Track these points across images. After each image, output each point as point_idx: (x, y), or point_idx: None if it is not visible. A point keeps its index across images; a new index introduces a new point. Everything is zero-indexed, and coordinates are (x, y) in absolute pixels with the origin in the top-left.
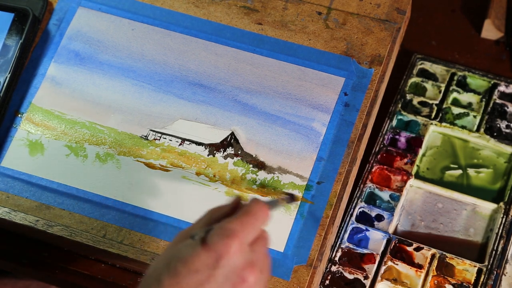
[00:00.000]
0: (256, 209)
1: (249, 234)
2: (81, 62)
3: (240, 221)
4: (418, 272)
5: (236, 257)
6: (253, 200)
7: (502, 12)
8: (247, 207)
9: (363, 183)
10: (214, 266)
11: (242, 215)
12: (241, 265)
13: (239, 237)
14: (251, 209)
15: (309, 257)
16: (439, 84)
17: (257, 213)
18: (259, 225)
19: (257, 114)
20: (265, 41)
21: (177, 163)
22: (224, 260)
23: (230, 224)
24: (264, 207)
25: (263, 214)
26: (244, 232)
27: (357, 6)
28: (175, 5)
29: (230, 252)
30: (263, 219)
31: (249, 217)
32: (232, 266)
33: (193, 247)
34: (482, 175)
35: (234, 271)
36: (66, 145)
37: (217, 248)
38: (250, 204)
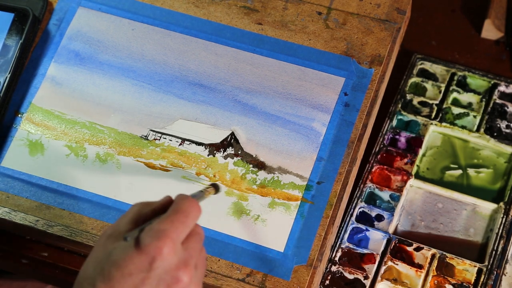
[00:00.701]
0: (186, 207)
1: (181, 234)
2: (81, 62)
3: (171, 221)
4: (418, 272)
5: (169, 258)
6: (181, 198)
7: (502, 12)
8: (176, 205)
9: (363, 183)
10: (147, 269)
11: (172, 214)
12: (174, 265)
13: (172, 238)
14: (181, 207)
15: (309, 257)
16: (439, 84)
17: (188, 211)
18: (191, 223)
19: (257, 114)
20: (265, 41)
21: (177, 163)
22: (157, 262)
23: (162, 225)
24: (193, 203)
25: (193, 211)
26: (176, 232)
27: (357, 6)
28: (175, 5)
29: (163, 254)
30: (195, 215)
31: (180, 215)
32: (165, 267)
33: (125, 250)
34: (482, 175)
35: (168, 272)
36: (66, 145)
37: (150, 250)
38: (179, 202)
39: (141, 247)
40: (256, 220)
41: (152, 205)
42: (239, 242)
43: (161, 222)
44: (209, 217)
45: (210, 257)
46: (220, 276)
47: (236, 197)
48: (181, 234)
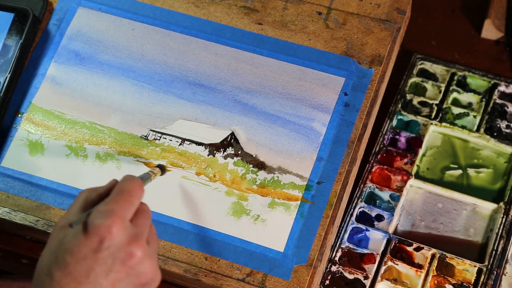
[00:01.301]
0: (129, 186)
1: (128, 212)
2: (81, 62)
3: (116, 200)
4: (418, 272)
5: (119, 236)
6: (124, 178)
7: (502, 12)
8: (120, 185)
9: (363, 183)
10: (99, 249)
11: (117, 194)
12: (125, 242)
13: (118, 216)
14: (125, 187)
15: (309, 257)
16: (439, 84)
17: (131, 190)
18: (136, 201)
19: (257, 114)
20: (265, 41)
21: (177, 163)
22: (107, 241)
23: (107, 205)
24: (137, 182)
25: (137, 190)
26: (122, 210)
27: (357, 6)
28: (175, 5)
29: (112, 232)
30: (138, 194)
31: (124, 195)
32: (117, 245)
33: (75, 235)
34: (482, 175)
35: (120, 249)
36: (66, 145)
37: (99, 231)
38: (123, 182)
39: (89, 230)
40: (256, 220)
41: (98, 190)
42: (239, 242)
43: (107, 203)
44: (209, 217)
45: (210, 257)
46: (220, 276)
47: (236, 197)
48: (127, 213)
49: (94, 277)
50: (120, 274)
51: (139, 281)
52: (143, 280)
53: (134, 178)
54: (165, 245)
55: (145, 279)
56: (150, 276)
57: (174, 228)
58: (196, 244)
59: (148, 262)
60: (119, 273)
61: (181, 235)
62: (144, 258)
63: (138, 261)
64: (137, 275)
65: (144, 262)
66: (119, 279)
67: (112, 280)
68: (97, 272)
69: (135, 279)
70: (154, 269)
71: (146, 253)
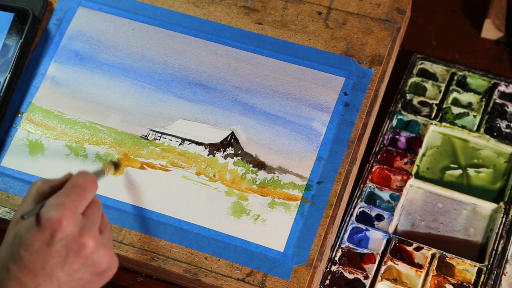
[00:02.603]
0: (83, 181)
1: (79, 205)
2: (81, 62)
3: (68, 194)
4: (418, 272)
5: (70, 228)
6: (77, 173)
7: (502, 12)
8: (74, 180)
9: (363, 183)
10: (51, 242)
11: (70, 188)
12: (77, 233)
13: (69, 209)
14: (78, 181)
15: (309, 257)
16: (439, 84)
17: (84, 184)
18: (88, 195)
19: (257, 114)
20: (265, 41)
21: (177, 163)
22: (59, 234)
23: (59, 198)
24: (89, 177)
25: (89, 184)
26: (73, 204)
27: (357, 6)
28: (175, 5)
29: (63, 225)
30: (91, 189)
31: (77, 189)
32: (69, 237)
33: (28, 229)
34: (482, 175)
35: (73, 241)
36: (66, 145)
37: (50, 224)
38: (77, 176)
39: (41, 223)
40: (256, 220)
41: (51, 182)
42: (239, 242)
43: (59, 196)
44: (209, 217)
45: (210, 257)
46: (220, 276)
47: (236, 197)
48: (79, 206)
49: (49, 269)
50: (75, 265)
51: (95, 270)
52: (100, 269)
53: (88, 173)
54: (165, 245)
55: (101, 267)
56: (106, 264)
57: (174, 228)
58: (196, 244)
59: (103, 251)
60: (74, 264)
61: (181, 235)
62: (97, 248)
63: (91, 251)
64: (93, 264)
65: (98, 251)
66: (75, 270)
67: (68, 271)
68: (52, 264)
69: (91, 268)
70: (109, 257)
71: (99, 243)
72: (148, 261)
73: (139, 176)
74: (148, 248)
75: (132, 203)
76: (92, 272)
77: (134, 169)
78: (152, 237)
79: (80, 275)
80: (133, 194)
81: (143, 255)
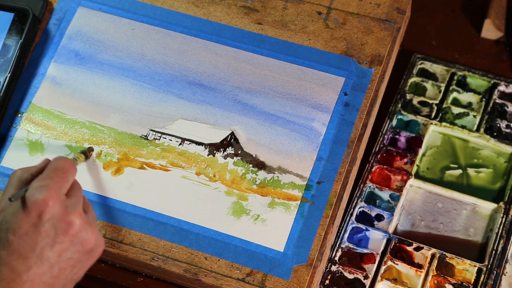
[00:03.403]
0: (62, 163)
1: (62, 186)
2: (81, 62)
3: (51, 176)
4: (418, 272)
5: (56, 208)
6: (56, 158)
7: (502, 12)
8: (53, 164)
9: (363, 183)
10: (39, 223)
11: (51, 171)
12: (63, 212)
13: (54, 190)
14: (58, 164)
15: (309, 257)
16: (439, 84)
17: (65, 166)
18: (70, 177)
19: (257, 114)
20: (265, 41)
21: (177, 163)
22: (46, 215)
23: (43, 181)
24: (69, 161)
25: (69, 166)
26: (57, 185)
27: (357, 6)
28: (175, 5)
29: (49, 206)
30: (72, 171)
31: (58, 171)
32: (56, 217)
33: (15, 213)
34: (482, 175)
35: (60, 221)
36: (66, 145)
37: (36, 206)
38: (57, 160)
39: (27, 205)
40: (256, 220)
41: (30, 169)
42: (239, 242)
43: (42, 179)
44: (209, 217)
45: (210, 257)
46: (220, 276)
47: (236, 197)
48: (62, 187)
49: (39, 250)
50: (64, 244)
51: (83, 248)
52: (88, 247)
53: (66, 157)
54: (165, 245)
55: (89, 245)
56: (94, 241)
57: (174, 228)
58: (196, 244)
59: (90, 228)
60: (63, 243)
61: (181, 235)
62: (84, 225)
63: (78, 228)
64: (81, 242)
65: (86, 229)
66: (64, 249)
67: (58, 251)
68: (41, 245)
69: (80, 246)
70: (96, 235)
71: (85, 221)
72: (148, 261)
73: (139, 176)
74: (148, 248)
75: (132, 203)
76: (81, 251)
77: (134, 169)
78: (152, 237)
79: (69, 254)
80: (133, 194)
81: (143, 255)
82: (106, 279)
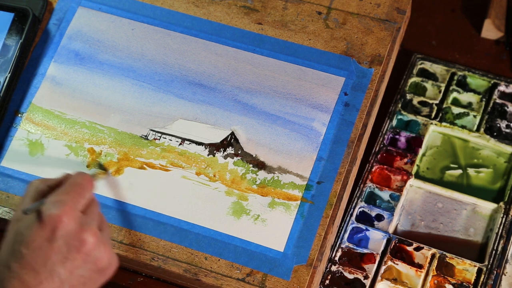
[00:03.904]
0: (80, 179)
1: (78, 203)
2: (81, 62)
3: (68, 192)
4: (418, 272)
5: (70, 224)
6: (76, 173)
7: (502, 12)
8: (72, 179)
9: (363, 183)
10: (53, 238)
11: (69, 186)
12: (78, 229)
13: (70, 206)
14: (76, 180)
15: (309, 257)
16: (439, 84)
17: (82, 183)
18: (86, 194)
19: (257, 114)
20: (265, 41)
21: (177, 163)
22: (60, 231)
23: (59, 196)
24: (87, 176)
25: (88, 184)
26: (73, 201)
27: (357, 6)
28: (175, 5)
29: (64, 222)
30: (89, 188)
31: (76, 187)
32: (70, 233)
33: (29, 226)
34: (482, 175)
35: (73, 238)
36: (66, 145)
37: (51, 221)
38: (76, 176)
39: (43, 219)
40: (256, 220)
41: (48, 182)
42: (239, 242)
43: (59, 194)
44: (209, 217)
45: (210, 257)
46: (220, 276)
47: (236, 197)
48: (78, 204)
49: (51, 265)
50: (76, 262)
51: (96, 267)
52: (100, 265)
53: (85, 173)
54: (165, 245)
55: (102, 263)
56: (107, 260)
57: (174, 228)
58: (196, 244)
59: (103, 247)
60: (75, 261)
61: (181, 235)
62: (98, 244)
63: (92, 247)
64: (94, 261)
65: (99, 247)
66: (76, 266)
67: (70, 268)
68: (53, 261)
69: (93, 265)
70: (109, 254)
71: (99, 239)
72: (148, 261)
73: (139, 176)
74: (148, 248)
75: (132, 203)
76: (93, 269)
77: (134, 169)
78: (152, 237)
79: (81, 272)
80: (133, 194)
81: (143, 255)
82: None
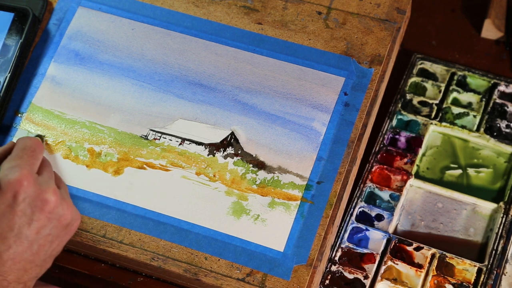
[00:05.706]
0: (29, 143)
1: (33, 165)
2: (81, 62)
3: (20, 156)
4: (418, 272)
5: (30, 187)
6: (22, 137)
7: (502, 12)
8: (21, 143)
9: (363, 183)
10: (15, 203)
11: (20, 152)
12: (38, 190)
13: (27, 169)
14: (26, 144)
15: (309, 257)
16: (439, 84)
17: (33, 145)
18: (39, 155)
19: (257, 114)
20: (265, 41)
21: (177, 163)
22: (21, 194)
23: (13, 161)
24: (34, 139)
25: (37, 145)
26: (29, 164)
27: (357, 6)
28: (175, 5)
29: (24, 185)
30: (39, 149)
31: (28, 150)
32: (31, 196)
33: None
34: (482, 175)
35: (36, 199)
36: (66, 144)
37: (11, 186)
38: (23, 140)
39: (1, 187)
40: (256, 220)
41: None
42: (239, 242)
43: (12, 160)
44: (209, 217)
45: (210, 257)
46: (220, 275)
47: (236, 197)
48: (33, 166)
49: (17, 229)
50: (41, 221)
51: (61, 224)
52: (65, 222)
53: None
54: (165, 245)
55: (66, 220)
56: (70, 216)
57: (174, 228)
58: (196, 244)
59: (65, 203)
60: (40, 221)
61: (181, 235)
62: (59, 201)
63: (54, 205)
64: (58, 218)
65: (62, 204)
66: (42, 226)
67: (36, 228)
68: (19, 224)
69: (57, 222)
70: (71, 209)
71: (60, 196)
72: (148, 261)
73: (139, 176)
74: (148, 248)
75: (132, 203)
76: (58, 226)
77: (134, 169)
78: (152, 237)
79: (47, 230)
80: (133, 194)
81: (143, 255)
82: (106, 279)
